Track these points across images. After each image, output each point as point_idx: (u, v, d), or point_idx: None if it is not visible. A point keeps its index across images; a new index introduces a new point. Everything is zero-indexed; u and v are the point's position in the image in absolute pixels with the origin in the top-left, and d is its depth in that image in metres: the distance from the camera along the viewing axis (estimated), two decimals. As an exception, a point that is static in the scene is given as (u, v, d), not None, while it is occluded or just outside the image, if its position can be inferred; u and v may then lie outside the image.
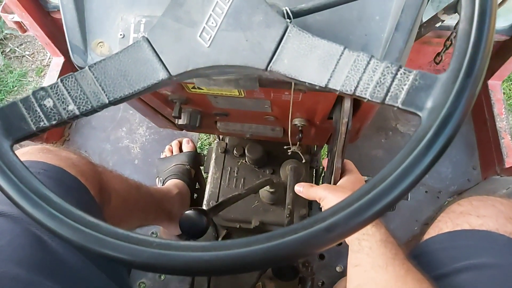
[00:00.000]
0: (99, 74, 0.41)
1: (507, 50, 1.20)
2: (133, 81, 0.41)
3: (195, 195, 1.39)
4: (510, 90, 1.97)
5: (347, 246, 0.64)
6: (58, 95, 0.39)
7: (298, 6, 0.45)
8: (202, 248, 0.33)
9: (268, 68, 0.41)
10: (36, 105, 0.39)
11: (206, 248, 0.33)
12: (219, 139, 1.21)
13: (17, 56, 2.16)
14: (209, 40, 0.41)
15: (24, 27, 1.27)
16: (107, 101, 0.40)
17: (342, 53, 0.38)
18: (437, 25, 0.84)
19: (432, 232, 0.65)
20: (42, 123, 0.39)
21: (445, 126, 0.31)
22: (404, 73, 0.35)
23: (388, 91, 0.35)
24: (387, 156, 1.41)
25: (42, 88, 0.39)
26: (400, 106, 0.35)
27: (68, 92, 0.40)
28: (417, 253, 0.62)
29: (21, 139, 0.38)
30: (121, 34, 0.54)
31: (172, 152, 1.40)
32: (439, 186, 1.36)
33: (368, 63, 0.37)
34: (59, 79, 0.40)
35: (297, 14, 0.45)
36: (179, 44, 0.42)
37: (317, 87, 0.39)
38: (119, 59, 0.41)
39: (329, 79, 0.38)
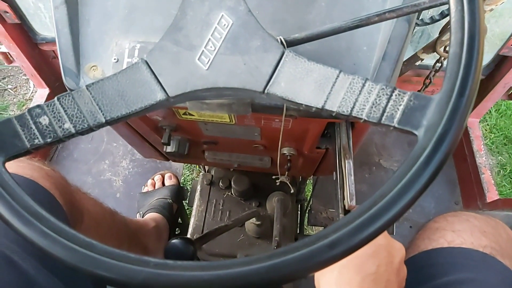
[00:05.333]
0: (96, 94, 0.41)
1: (484, 89, 1.27)
2: (130, 102, 0.41)
3: (178, 230, 1.36)
4: (486, 130, 2.06)
5: None
6: (54, 113, 0.39)
7: (292, 36, 0.47)
8: (201, 267, 0.32)
9: (265, 91, 0.42)
10: (31, 122, 0.38)
11: (205, 267, 0.32)
12: (205, 171, 1.20)
13: (-1, 90, 2.13)
14: (207, 63, 0.42)
15: (10, 58, 1.27)
16: (103, 120, 0.40)
17: (338, 76, 0.40)
18: (417, 63, 0.89)
19: (410, 251, 0.65)
20: (36, 141, 0.38)
21: (442, 143, 0.32)
22: (399, 94, 0.36)
23: (384, 111, 0.36)
24: (371, 191, 1.43)
25: (38, 106, 0.39)
26: (396, 125, 0.36)
27: (65, 110, 0.39)
28: None
29: (14, 157, 0.37)
30: (115, 59, 0.54)
31: (155, 186, 1.38)
32: (423, 221, 1.37)
33: (364, 85, 0.38)
34: (56, 98, 0.39)
35: (291, 43, 0.47)
36: (177, 66, 0.42)
37: (313, 109, 0.40)
38: (117, 80, 0.42)
39: (325, 101, 0.39)
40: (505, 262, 0.59)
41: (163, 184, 1.37)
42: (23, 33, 1.22)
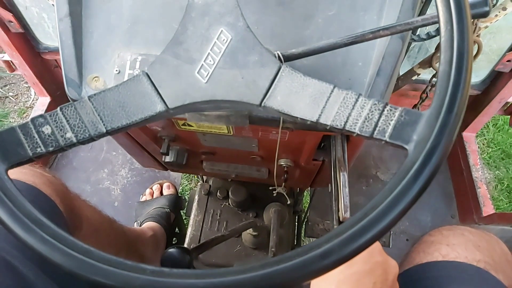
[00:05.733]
0: (98, 104, 0.42)
1: (479, 104, 1.28)
2: (131, 112, 0.42)
3: (175, 239, 1.36)
4: (483, 144, 2.07)
5: None
6: (56, 123, 0.40)
7: (289, 51, 0.49)
8: (196, 275, 0.33)
9: (262, 104, 0.43)
10: (34, 131, 0.39)
11: (200, 275, 0.33)
12: (203, 181, 1.21)
13: (0, 97, 2.15)
14: (206, 76, 0.44)
15: (13, 66, 1.29)
16: (104, 130, 0.41)
17: (332, 91, 0.41)
18: (413, 78, 0.90)
19: (406, 264, 0.66)
20: (39, 149, 0.39)
21: (431, 157, 0.33)
22: (391, 110, 0.38)
23: (376, 126, 0.38)
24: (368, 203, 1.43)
25: (41, 115, 0.40)
26: (387, 139, 0.37)
27: (67, 120, 0.40)
28: None
29: (17, 164, 0.38)
30: (116, 70, 0.56)
31: (153, 196, 1.39)
32: (419, 234, 1.37)
33: (357, 100, 0.39)
34: (58, 108, 0.40)
35: (288, 58, 0.48)
36: (177, 79, 0.44)
37: (308, 122, 0.41)
38: (118, 91, 0.43)
39: (320, 115, 0.41)
40: (498, 276, 0.60)
41: (161, 193, 1.38)
42: (27, 42, 1.24)
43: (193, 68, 0.44)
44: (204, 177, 1.22)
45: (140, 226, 1.25)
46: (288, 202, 0.97)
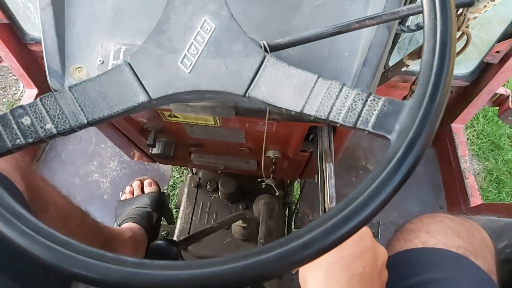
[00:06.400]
0: (79, 95, 0.41)
1: (468, 95, 1.29)
2: (112, 103, 0.42)
3: (166, 232, 1.35)
4: (473, 136, 2.08)
5: None
6: (36, 114, 0.39)
7: (275, 41, 0.48)
8: (178, 266, 0.32)
9: (247, 94, 0.42)
10: (13, 122, 0.38)
11: (181, 266, 0.32)
12: (192, 174, 1.20)
13: (-13, 90, 2.12)
14: (190, 66, 0.43)
15: (-1, 58, 1.26)
16: (85, 121, 0.41)
17: (316, 81, 0.41)
18: (403, 69, 0.90)
19: (387, 252, 0.67)
20: (18, 141, 0.38)
21: (413, 147, 0.33)
22: (374, 100, 0.37)
23: (359, 116, 0.38)
24: (358, 195, 1.44)
25: (21, 106, 0.39)
26: (370, 130, 0.37)
27: (47, 111, 0.40)
28: None
29: (-5, 156, 0.37)
30: (100, 60, 0.55)
31: (133, 194, 1.30)
32: (408, 224, 1.39)
33: (341, 90, 0.39)
34: (38, 98, 0.40)
35: (274, 48, 0.48)
36: (160, 69, 0.43)
37: (292, 113, 0.41)
38: (99, 82, 0.42)
39: (304, 105, 0.40)
40: (477, 262, 0.60)
41: (142, 191, 1.31)
42: (12, 33, 1.22)
43: (176, 58, 0.43)
44: (194, 170, 1.21)
45: (119, 226, 1.16)
46: (277, 194, 0.97)
